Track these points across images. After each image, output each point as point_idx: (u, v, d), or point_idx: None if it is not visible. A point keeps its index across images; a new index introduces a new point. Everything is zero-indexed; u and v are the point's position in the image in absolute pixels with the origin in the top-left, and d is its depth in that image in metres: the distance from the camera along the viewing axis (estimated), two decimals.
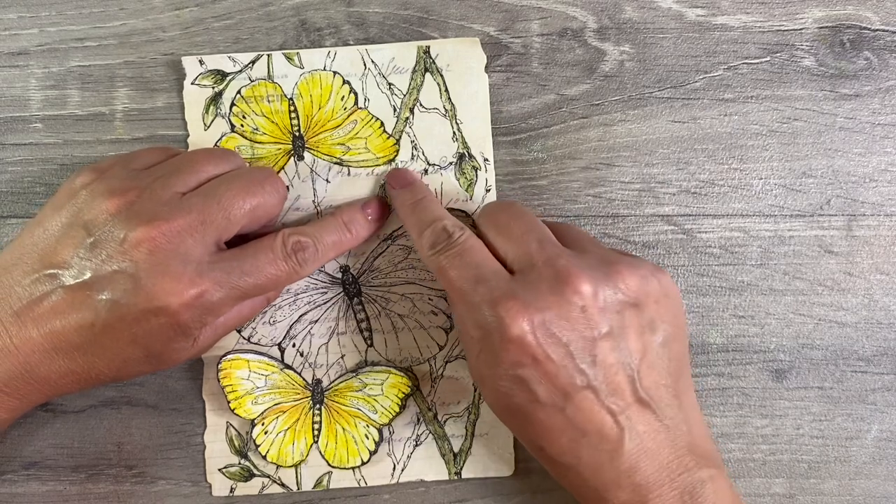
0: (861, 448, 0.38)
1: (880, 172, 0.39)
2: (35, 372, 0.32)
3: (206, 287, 0.32)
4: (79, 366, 0.33)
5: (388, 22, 0.39)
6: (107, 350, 0.32)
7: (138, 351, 0.33)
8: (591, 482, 0.31)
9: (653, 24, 0.39)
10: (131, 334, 0.32)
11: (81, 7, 0.40)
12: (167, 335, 0.33)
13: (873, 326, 0.39)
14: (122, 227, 0.32)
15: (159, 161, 0.36)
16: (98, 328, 0.32)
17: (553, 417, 0.31)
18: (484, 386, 0.33)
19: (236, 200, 0.34)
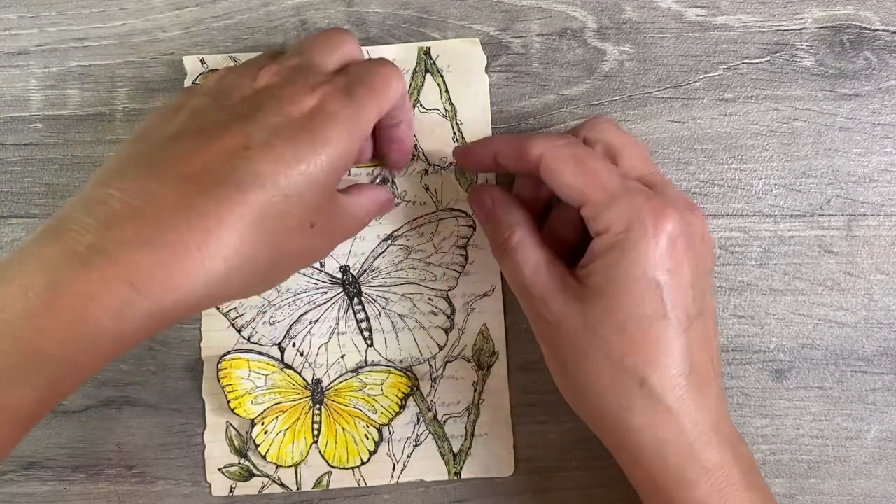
0: (861, 448, 0.38)
1: (880, 172, 0.39)
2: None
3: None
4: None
5: (388, 22, 0.39)
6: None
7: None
8: (688, 431, 0.30)
9: (653, 24, 0.39)
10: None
11: (81, 7, 0.40)
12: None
13: (873, 326, 0.39)
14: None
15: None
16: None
17: (674, 341, 0.30)
18: (606, 290, 0.31)
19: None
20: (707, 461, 0.30)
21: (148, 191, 0.27)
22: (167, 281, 0.26)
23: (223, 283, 0.27)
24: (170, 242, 0.26)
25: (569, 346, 0.31)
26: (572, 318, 0.31)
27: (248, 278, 0.29)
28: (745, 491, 0.30)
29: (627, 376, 0.30)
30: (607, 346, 0.30)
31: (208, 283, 0.27)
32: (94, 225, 0.26)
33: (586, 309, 0.31)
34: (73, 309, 0.25)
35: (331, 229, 0.32)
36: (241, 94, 0.31)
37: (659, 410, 0.30)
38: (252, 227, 0.28)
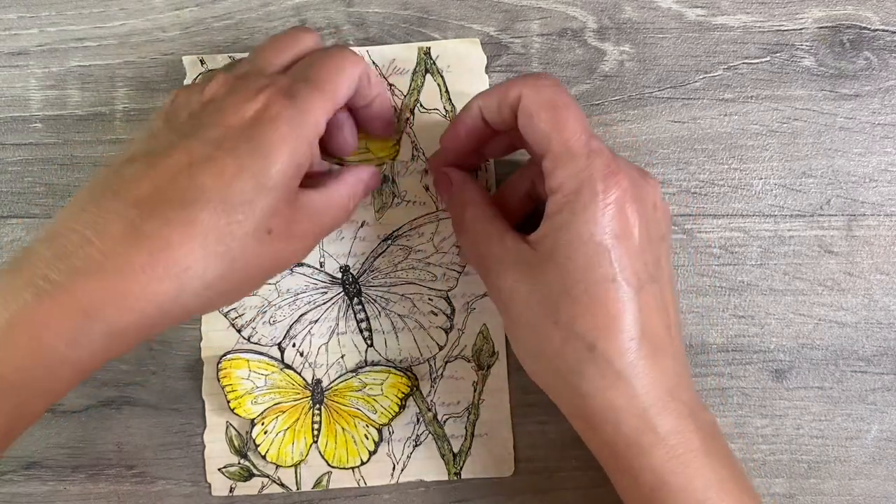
0: (861, 448, 0.38)
1: (880, 172, 0.39)
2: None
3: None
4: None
5: (388, 22, 0.39)
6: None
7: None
8: (640, 396, 0.30)
9: (653, 24, 0.39)
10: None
11: (81, 7, 0.40)
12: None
13: (873, 326, 0.39)
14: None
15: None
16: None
17: (624, 305, 0.30)
18: (556, 254, 0.30)
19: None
20: (662, 427, 0.29)
21: (101, 219, 0.28)
22: (119, 305, 0.27)
23: (177, 302, 0.28)
24: (118, 267, 0.27)
25: (522, 314, 0.31)
26: (524, 284, 0.31)
27: (204, 294, 0.29)
28: (705, 457, 0.30)
29: (577, 341, 0.30)
30: (556, 312, 0.30)
31: (161, 303, 0.28)
32: (49, 257, 0.27)
33: (537, 274, 0.30)
34: (29, 337, 0.26)
35: (297, 231, 0.31)
36: (188, 112, 0.31)
37: (608, 375, 0.29)
38: (200, 242, 0.28)
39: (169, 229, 0.28)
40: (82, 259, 0.27)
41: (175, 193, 0.28)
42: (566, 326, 0.30)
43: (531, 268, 0.31)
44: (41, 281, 0.27)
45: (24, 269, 0.27)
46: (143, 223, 0.27)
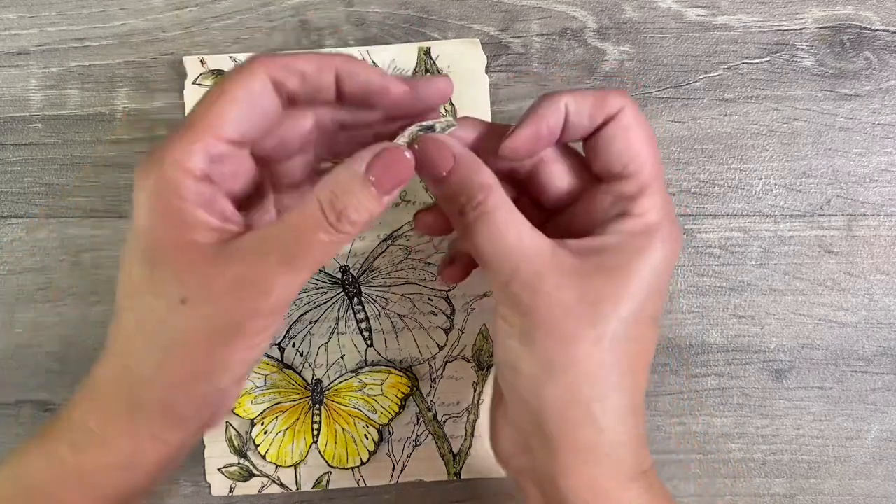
0: (861, 448, 0.38)
1: (880, 172, 0.39)
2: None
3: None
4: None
5: (388, 22, 0.39)
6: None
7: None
8: (641, 436, 0.29)
9: (653, 23, 0.39)
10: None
11: (81, 7, 0.40)
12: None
13: (873, 326, 0.39)
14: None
15: None
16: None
17: (652, 351, 0.29)
18: (621, 272, 0.28)
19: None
20: (645, 462, 0.29)
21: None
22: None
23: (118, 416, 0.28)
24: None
25: (556, 320, 0.28)
26: (569, 290, 0.28)
27: (154, 396, 0.27)
28: (660, 483, 0.30)
29: (614, 367, 0.28)
30: (603, 328, 0.27)
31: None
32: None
33: (588, 284, 0.28)
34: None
35: (224, 287, 0.26)
36: None
37: (626, 407, 0.28)
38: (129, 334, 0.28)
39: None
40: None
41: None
42: (609, 348, 0.28)
43: (578, 276, 0.28)
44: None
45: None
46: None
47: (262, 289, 0.26)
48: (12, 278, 0.39)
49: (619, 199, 0.29)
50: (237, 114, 0.27)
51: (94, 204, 0.39)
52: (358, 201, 0.27)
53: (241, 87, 0.27)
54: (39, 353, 0.39)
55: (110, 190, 0.39)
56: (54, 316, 0.39)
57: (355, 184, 0.27)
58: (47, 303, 0.39)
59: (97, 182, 0.39)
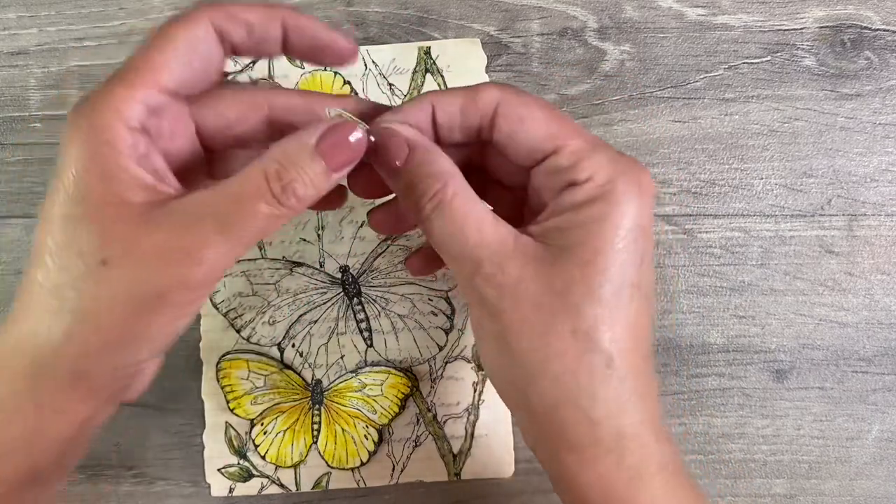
0: (862, 448, 0.38)
1: (881, 172, 0.39)
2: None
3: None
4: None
5: (388, 22, 0.39)
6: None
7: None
8: (647, 422, 0.27)
9: (653, 23, 0.39)
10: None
11: (81, 7, 0.40)
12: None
13: (874, 327, 0.39)
14: None
15: None
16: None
17: (644, 315, 0.27)
18: (581, 249, 0.26)
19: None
20: (665, 455, 0.27)
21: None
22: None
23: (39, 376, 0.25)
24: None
25: (525, 318, 0.26)
26: (535, 283, 0.26)
27: (63, 363, 0.25)
28: (688, 478, 0.28)
29: (596, 354, 0.25)
30: (576, 317, 0.25)
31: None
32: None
33: (553, 272, 0.25)
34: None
35: (151, 250, 0.24)
36: None
37: (623, 395, 0.26)
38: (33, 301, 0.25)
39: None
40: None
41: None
42: (585, 336, 0.25)
43: (544, 263, 0.26)
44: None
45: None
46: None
47: (192, 258, 0.24)
48: (12, 278, 0.39)
49: (560, 172, 0.27)
50: (177, 61, 0.25)
51: None
52: (306, 175, 0.25)
53: (183, 34, 0.25)
54: None
55: None
56: None
57: (304, 156, 0.25)
58: None
59: None
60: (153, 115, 0.25)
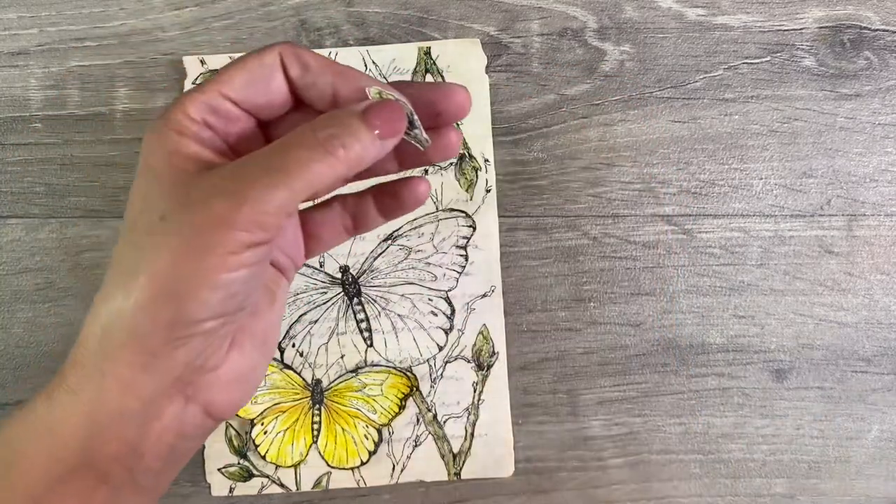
0: (861, 448, 0.38)
1: (881, 172, 0.39)
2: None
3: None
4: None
5: (388, 22, 0.39)
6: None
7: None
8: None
9: (653, 23, 0.39)
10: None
11: (81, 7, 0.40)
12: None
13: (874, 326, 0.39)
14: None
15: None
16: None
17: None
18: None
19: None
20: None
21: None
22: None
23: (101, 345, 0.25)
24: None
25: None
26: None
27: (136, 323, 0.25)
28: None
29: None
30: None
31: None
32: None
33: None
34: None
35: (200, 205, 0.24)
36: None
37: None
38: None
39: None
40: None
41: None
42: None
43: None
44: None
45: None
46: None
47: (237, 197, 0.24)
48: (12, 278, 0.39)
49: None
50: (241, 77, 0.27)
51: (93, 204, 0.39)
52: (353, 132, 0.26)
53: (253, 59, 0.28)
54: (39, 352, 0.39)
55: (110, 190, 0.39)
56: (54, 315, 0.39)
57: (352, 119, 0.26)
58: (47, 302, 0.39)
59: (97, 182, 0.39)
60: (219, 116, 0.27)
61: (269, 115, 0.29)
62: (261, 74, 0.28)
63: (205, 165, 0.26)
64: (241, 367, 0.28)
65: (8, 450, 0.26)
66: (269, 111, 0.29)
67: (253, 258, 0.25)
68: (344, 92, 0.28)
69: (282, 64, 0.28)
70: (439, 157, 0.30)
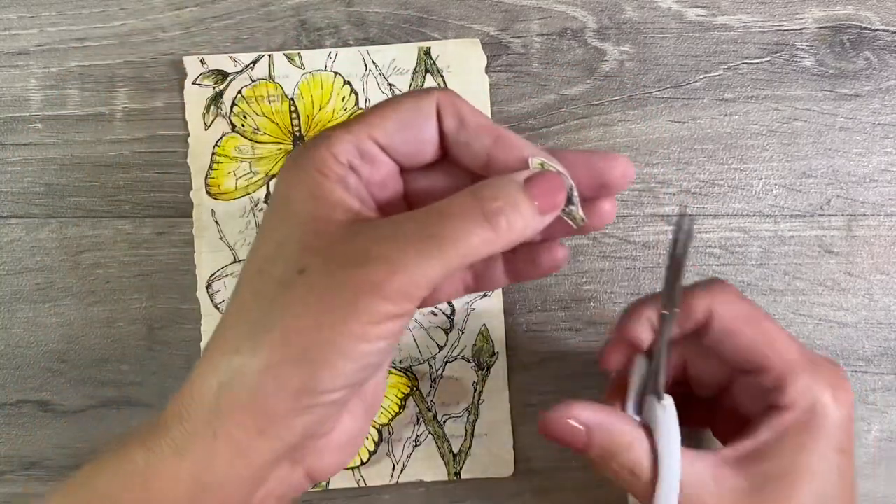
0: (861, 448, 0.38)
1: (880, 172, 0.39)
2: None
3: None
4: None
5: (388, 22, 0.39)
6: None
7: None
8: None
9: (653, 23, 0.39)
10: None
11: (81, 7, 0.40)
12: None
13: (873, 327, 0.39)
14: None
15: None
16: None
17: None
18: (790, 475, 0.27)
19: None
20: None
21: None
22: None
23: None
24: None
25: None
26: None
27: (261, 383, 0.23)
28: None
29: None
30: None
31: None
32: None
33: (760, 502, 0.27)
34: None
35: (346, 261, 0.23)
36: None
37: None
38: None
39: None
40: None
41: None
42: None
43: (747, 495, 0.27)
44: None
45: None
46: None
47: (388, 264, 0.22)
48: (12, 278, 0.39)
49: (762, 393, 0.29)
50: (393, 121, 0.26)
51: (94, 204, 0.39)
52: (515, 205, 0.24)
53: (408, 102, 0.26)
54: (39, 352, 0.39)
55: (110, 190, 0.39)
56: (54, 316, 0.39)
57: (513, 189, 0.24)
58: (47, 302, 0.39)
59: (97, 182, 0.39)
60: (364, 160, 0.26)
61: (411, 166, 0.27)
62: (414, 121, 0.26)
63: (349, 215, 0.24)
64: (352, 430, 0.27)
65: (100, 499, 0.23)
66: (413, 161, 0.27)
67: (392, 330, 0.23)
68: (501, 158, 0.26)
69: (437, 113, 0.26)
70: (593, 224, 0.27)
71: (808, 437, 0.27)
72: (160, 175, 0.39)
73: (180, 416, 0.23)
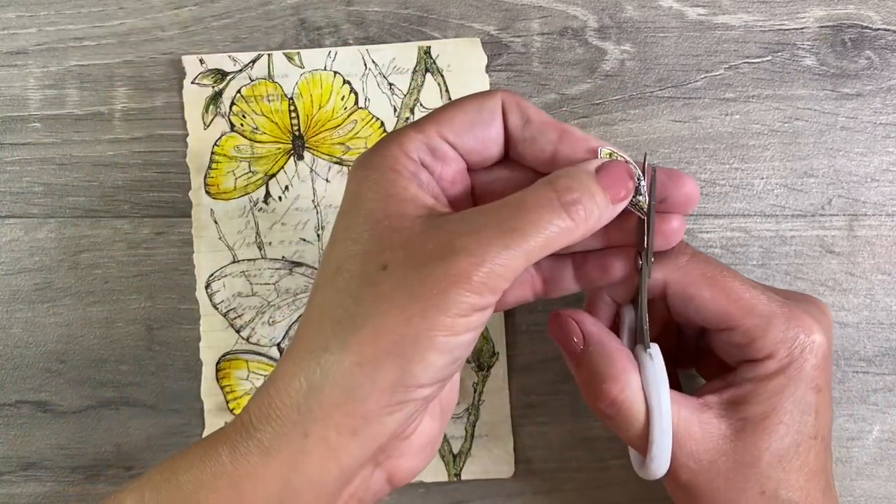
0: (862, 449, 0.38)
1: (882, 172, 0.39)
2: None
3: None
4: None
5: (388, 21, 0.39)
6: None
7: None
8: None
9: (654, 23, 0.39)
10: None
11: (80, 6, 0.39)
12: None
13: (875, 327, 0.38)
14: None
15: None
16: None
17: (823, 461, 0.31)
18: (768, 420, 0.29)
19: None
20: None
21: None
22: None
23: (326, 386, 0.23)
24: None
25: (718, 489, 0.28)
26: (724, 458, 0.28)
27: (351, 379, 0.23)
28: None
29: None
30: (764, 480, 0.28)
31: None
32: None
33: (741, 445, 0.28)
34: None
35: (427, 257, 0.23)
36: None
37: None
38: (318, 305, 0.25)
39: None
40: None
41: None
42: (774, 494, 0.28)
43: (731, 439, 0.28)
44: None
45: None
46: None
47: (473, 256, 0.22)
48: (10, 278, 0.39)
49: (736, 347, 0.29)
50: (461, 119, 0.27)
51: (92, 204, 0.39)
52: (592, 195, 0.25)
53: (474, 101, 0.27)
54: (38, 353, 0.39)
55: (109, 189, 0.39)
56: (52, 316, 0.39)
57: (587, 179, 0.25)
58: (46, 303, 0.39)
59: (96, 182, 0.39)
60: (434, 157, 0.26)
61: (478, 164, 0.28)
62: (480, 119, 0.27)
63: (423, 211, 0.25)
64: (431, 432, 0.27)
65: (184, 497, 0.23)
66: (480, 159, 0.27)
67: (479, 322, 0.24)
68: (568, 152, 0.27)
69: (503, 110, 0.27)
70: (658, 243, 0.28)
71: (786, 381, 0.28)
72: (159, 175, 0.39)
73: (267, 416, 0.23)
